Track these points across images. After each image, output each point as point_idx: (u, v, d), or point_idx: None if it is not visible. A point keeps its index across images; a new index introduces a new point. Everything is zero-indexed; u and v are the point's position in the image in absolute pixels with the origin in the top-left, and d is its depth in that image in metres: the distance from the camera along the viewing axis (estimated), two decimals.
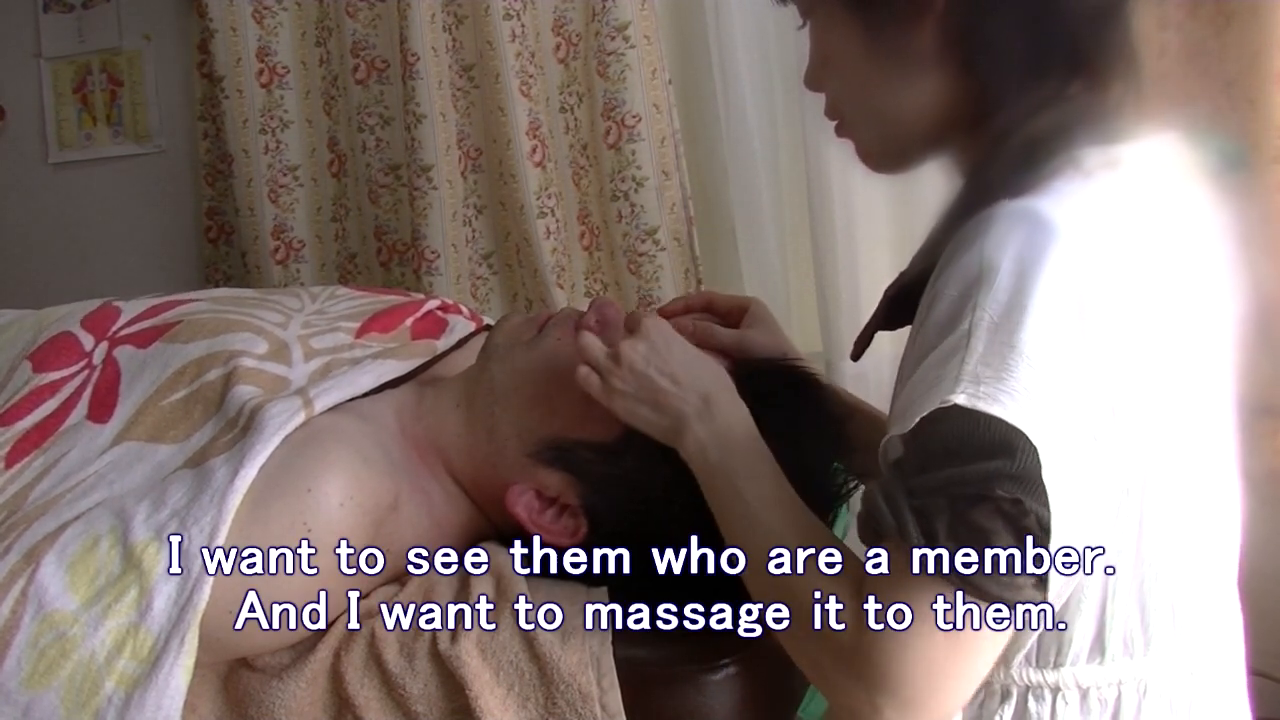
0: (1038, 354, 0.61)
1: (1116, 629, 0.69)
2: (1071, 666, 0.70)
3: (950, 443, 0.62)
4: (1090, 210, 0.66)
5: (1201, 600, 0.72)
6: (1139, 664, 0.70)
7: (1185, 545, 0.70)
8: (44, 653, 0.80)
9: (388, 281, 1.92)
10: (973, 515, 0.61)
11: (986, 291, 0.62)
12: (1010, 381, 0.60)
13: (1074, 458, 0.62)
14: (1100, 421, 0.63)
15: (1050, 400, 0.61)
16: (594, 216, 1.81)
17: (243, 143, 1.93)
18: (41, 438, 0.98)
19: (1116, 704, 0.70)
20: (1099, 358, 0.63)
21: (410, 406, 1.00)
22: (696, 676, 0.87)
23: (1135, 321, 0.65)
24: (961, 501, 0.62)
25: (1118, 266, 0.65)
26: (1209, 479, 0.73)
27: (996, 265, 0.63)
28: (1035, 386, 0.60)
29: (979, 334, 0.62)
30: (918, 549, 0.62)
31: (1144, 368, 0.65)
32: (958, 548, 0.61)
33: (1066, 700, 0.70)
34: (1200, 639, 0.72)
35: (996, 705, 0.72)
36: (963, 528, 0.62)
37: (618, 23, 1.69)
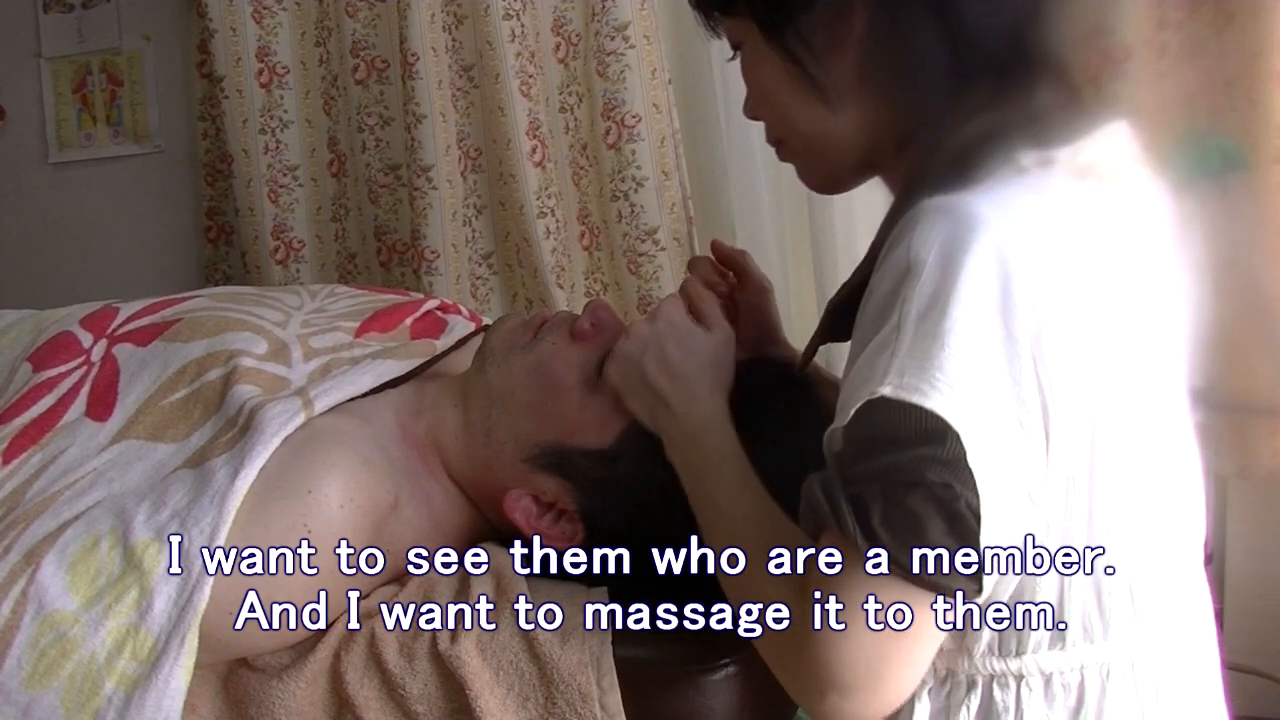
0: (960, 344, 0.62)
1: (1074, 615, 0.70)
2: (1034, 654, 0.71)
3: (882, 432, 0.63)
4: (1020, 202, 0.67)
5: (1163, 584, 0.73)
6: (1099, 648, 0.71)
7: (1140, 530, 0.71)
8: (44, 653, 0.80)
9: (388, 281, 1.92)
10: (906, 502, 0.63)
11: (913, 285, 0.64)
12: (933, 372, 0.62)
13: (999, 445, 0.63)
14: (1034, 410, 0.64)
15: (972, 389, 0.62)
16: (594, 216, 1.81)
17: (243, 143, 1.93)
18: (39, 433, 0.98)
19: (1080, 688, 0.71)
20: (1026, 347, 0.63)
21: (410, 407, 1.00)
22: (696, 676, 0.87)
23: (1069, 310, 0.65)
24: (895, 489, 0.63)
25: (1048, 256, 0.65)
26: (1163, 464, 0.73)
27: (922, 259, 0.64)
28: (957, 376, 0.61)
29: (906, 327, 0.63)
30: (854, 538, 0.64)
31: (1083, 356, 0.66)
32: (891, 535, 0.63)
33: (1030, 687, 0.71)
34: (1163, 622, 0.73)
35: (963, 695, 0.72)
36: (896, 514, 0.63)
37: (617, 23, 1.69)
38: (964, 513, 0.62)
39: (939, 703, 0.73)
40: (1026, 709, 0.71)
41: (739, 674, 0.87)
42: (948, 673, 0.73)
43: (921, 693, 0.74)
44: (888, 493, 0.63)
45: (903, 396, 0.62)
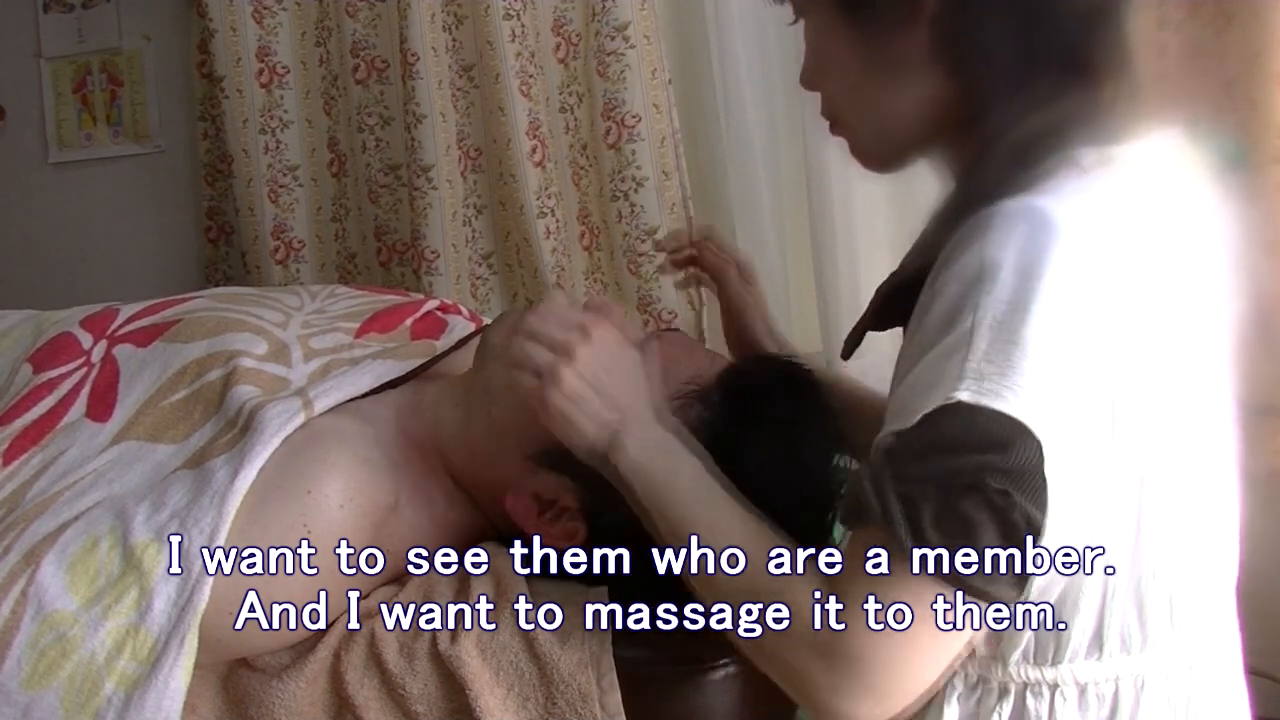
0: (1042, 350, 0.61)
1: (1114, 626, 0.69)
2: (1070, 663, 0.70)
3: (946, 436, 0.62)
4: (1090, 207, 0.66)
5: (1199, 597, 0.72)
6: (1136, 660, 0.70)
7: (1183, 542, 0.70)
8: (44, 653, 0.80)
9: (388, 281, 1.92)
10: (961, 505, 0.61)
11: (989, 290, 0.62)
12: (1015, 377, 0.60)
13: (1078, 453, 0.62)
14: (1102, 418, 0.64)
15: (1055, 396, 0.61)
16: (594, 216, 1.81)
17: (243, 143, 1.93)
18: (39, 434, 0.98)
19: (1114, 700, 0.70)
20: (1101, 355, 0.63)
21: (410, 407, 0.99)
22: (696, 676, 0.87)
23: (1136, 319, 0.65)
24: (951, 491, 0.62)
25: (1118, 264, 0.65)
26: (1208, 477, 0.73)
27: (999, 263, 0.63)
28: (1040, 382, 0.60)
29: (981, 331, 0.62)
30: (901, 538, 0.62)
31: (1144, 365, 0.65)
32: (941, 536, 0.61)
33: (1065, 697, 0.70)
34: (1198, 635, 0.73)
35: (994, 703, 0.72)
36: (948, 516, 0.61)
37: (618, 23, 1.69)
38: (1018, 522, 0.61)
39: (969, 709, 0.73)
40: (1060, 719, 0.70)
41: (739, 674, 0.87)
42: (979, 679, 0.72)
43: (951, 697, 0.73)
44: (943, 495, 0.62)
45: (982, 401, 0.60)
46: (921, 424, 0.63)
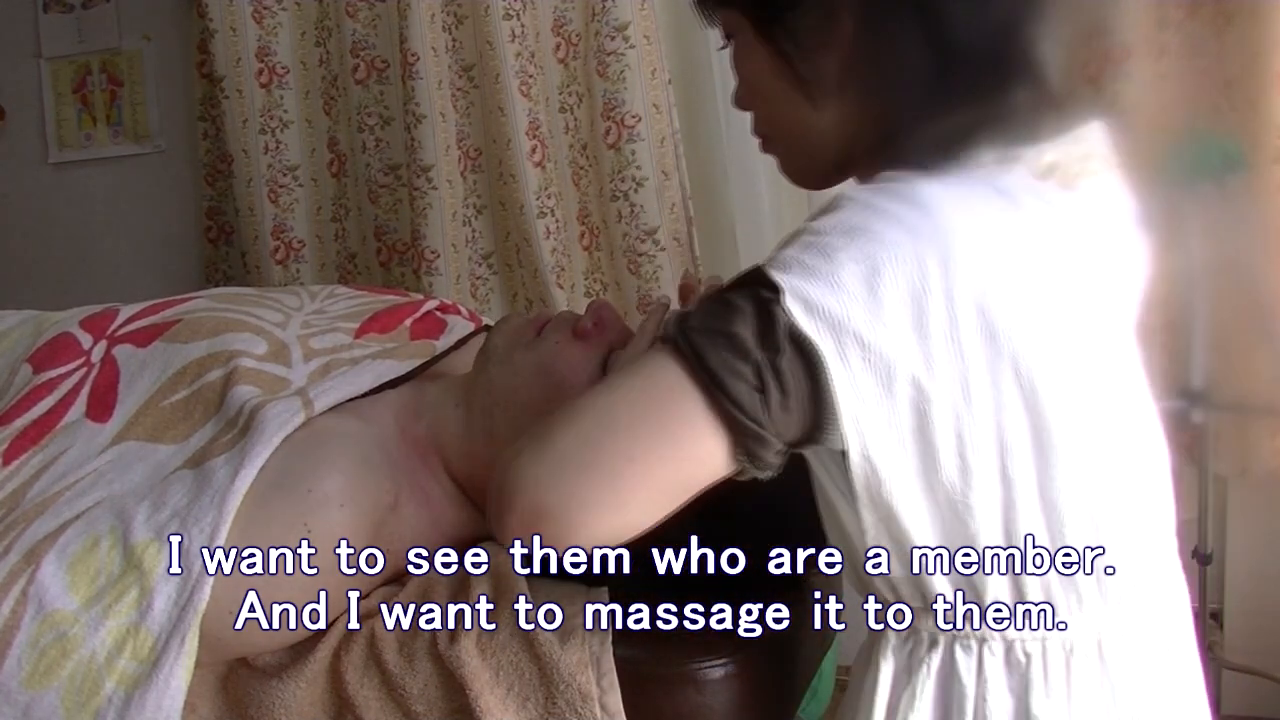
0: (852, 272, 0.63)
1: (1034, 591, 0.70)
2: (1002, 628, 0.71)
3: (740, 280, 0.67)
4: (968, 187, 0.68)
5: (1133, 567, 0.73)
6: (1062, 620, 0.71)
7: (1106, 509, 0.71)
8: (44, 653, 0.80)
9: (388, 281, 1.92)
10: (729, 294, 0.66)
11: (832, 210, 0.67)
12: (815, 280, 0.64)
13: (864, 369, 0.64)
14: (930, 361, 0.65)
15: (849, 316, 0.63)
16: (594, 216, 1.81)
17: (243, 143, 1.93)
18: (39, 435, 0.98)
19: (1043, 658, 0.71)
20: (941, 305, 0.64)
21: (409, 407, 0.99)
22: (696, 676, 0.87)
23: (999, 283, 0.66)
24: (728, 290, 0.66)
25: (986, 234, 0.66)
26: (1128, 454, 0.73)
27: (850, 196, 0.67)
28: (836, 294, 0.63)
29: (807, 236, 0.66)
30: (670, 327, 0.66)
31: (1015, 332, 0.66)
32: (702, 318, 0.65)
33: (992, 651, 0.72)
34: (1134, 602, 0.73)
35: (924, 652, 0.73)
36: (715, 302, 0.66)
37: (617, 23, 1.69)
38: (779, 320, 0.63)
39: (901, 660, 0.74)
40: (988, 674, 0.71)
41: (739, 674, 0.87)
42: (911, 630, 0.74)
43: (885, 650, 0.75)
44: (721, 292, 0.67)
45: (773, 274, 0.64)
46: (732, 281, 0.68)
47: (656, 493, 0.66)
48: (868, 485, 0.67)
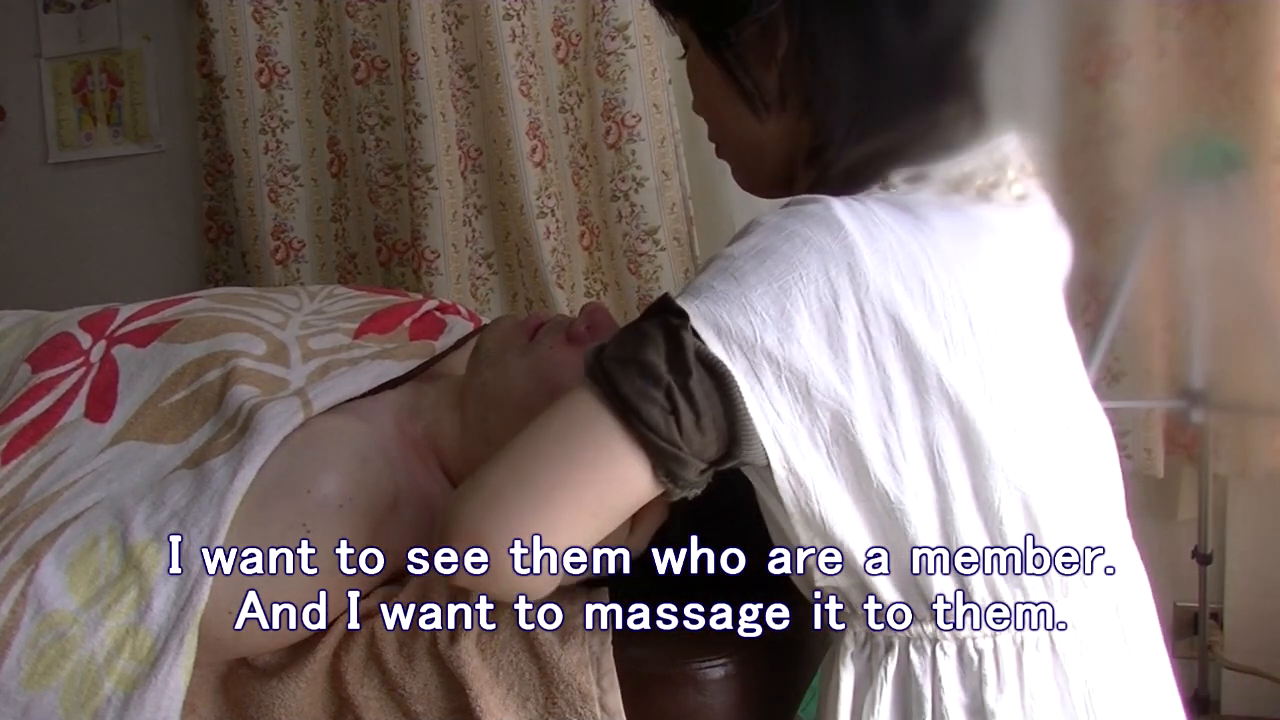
0: (761, 296, 0.66)
1: (978, 587, 0.71)
2: (950, 627, 0.72)
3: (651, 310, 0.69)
4: (872, 206, 0.69)
5: (1080, 560, 0.73)
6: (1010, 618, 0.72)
7: (1043, 503, 0.71)
8: (43, 653, 0.80)
9: (388, 281, 1.92)
10: (641, 323, 0.68)
11: (743, 235, 0.69)
12: (724, 305, 0.66)
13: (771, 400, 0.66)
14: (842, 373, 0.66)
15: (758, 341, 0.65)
16: (594, 216, 1.81)
17: (243, 143, 1.93)
18: (38, 434, 0.98)
19: (995, 655, 0.72)
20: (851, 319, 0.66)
21: (408, 408, 0.99)
22: (696, 676, 0.87)
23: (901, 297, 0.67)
24: (641, 320, 0.69)
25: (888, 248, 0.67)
26: (1064, 439, 0.74)
27: (764, 221, 0.69)
28: (744, 319, 0.65)
29: (719, 262, 0.68)
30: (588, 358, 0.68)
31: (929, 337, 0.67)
32: (614, 347, 0.67)
33: (945, 651, 0.73)
34: (1080, 594, 0.73)
35: (881, 656, 0.75)
36: (628, 333, 0.68)
37: (618, 23, 1.69)
38: (687, 345, 0.65)
39: (860, 666, 0.76)
40: (942, 673, 0.72)
41: (739, 674, 0.87)
42: (867, 636, 0.75)
43: (845, 657, 0.76)
44: (634, 323, 0.69)
45: (683, 302, 0.66)
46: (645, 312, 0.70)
47: (586, 516, 0.69)
48: (795, 497, 0.69)
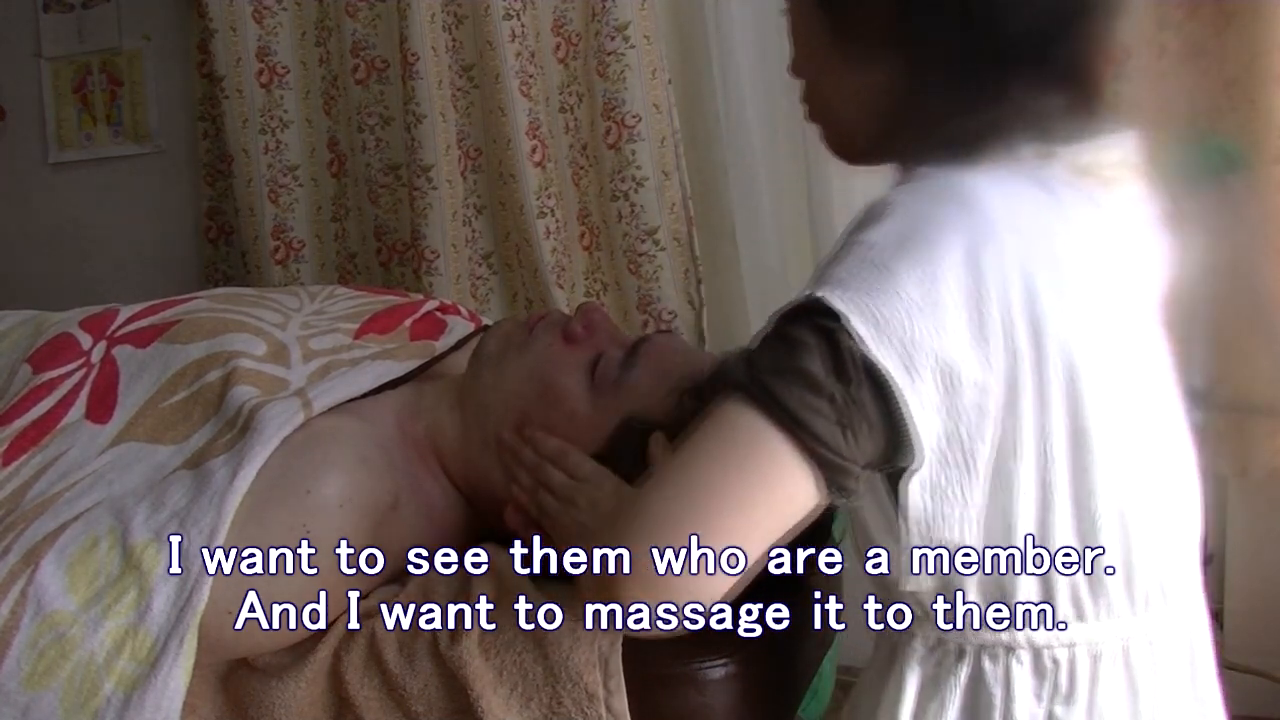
0: (911, 287, 0.63)
1: (1063, 592, 0.70)
2: (1024, 627, 0.71)
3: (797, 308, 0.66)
4: (1014, 183, 0.68)
5: (1159, 567, 0.73)
6: (1092, 628, 0.71)
7: (1136, 515, 0.71)
8: (43, 653, 0.80)
9: (388, 281, 1.92)
10: (790, 329, 0.65)
11: (878, 222, 0.66)
12: (874, 298, 0.63)
13: (927, 398, 0.64)
14: (986, 368, 0.65)
15: (911, 333, 0.63)
16: (594, 216, 1.81)
17: (243, 143, 1.93)
18: (39, 435, 0.98)
19: (1071, 665, 0.71)
20: (995, 312, 0.64)
21: (409, 408, 0.99)
22: (697, 676, 0.87)
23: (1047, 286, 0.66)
24: (788, 324, 0.65)
25: (1035, 236, 0.67)
26: (1155, 446, 0.73)
27: (897, 203, 0.67)
28: (897, 313, 0.63)
29: (858, 249, 0.65)
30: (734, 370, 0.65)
31: (1061, 335, 0.66)
32: (770, 357, 0.64)
33: (1020, 660, 0.71)
34: (1159, 611, 0.73)
35: (953, 663, 0.73)
36: (777, 339, 0.65)
37: (618, 23, 1.69)
38: (847, 350, 0.62)
39: (929, 670, 0.74)
40: (1015, 681, 0.71)
41: (739, 673, 0.87)
42: (937, 641, 0.74)
43: (911, 660, 0.74)
44: (780, 327, 0.66)
45: (833, 303, 0.63)
46: (784, 310, 0.67)
47: (760, 538, 0.65)
48: (922, 498, 0.67)
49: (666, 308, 1.73)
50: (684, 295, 1.75)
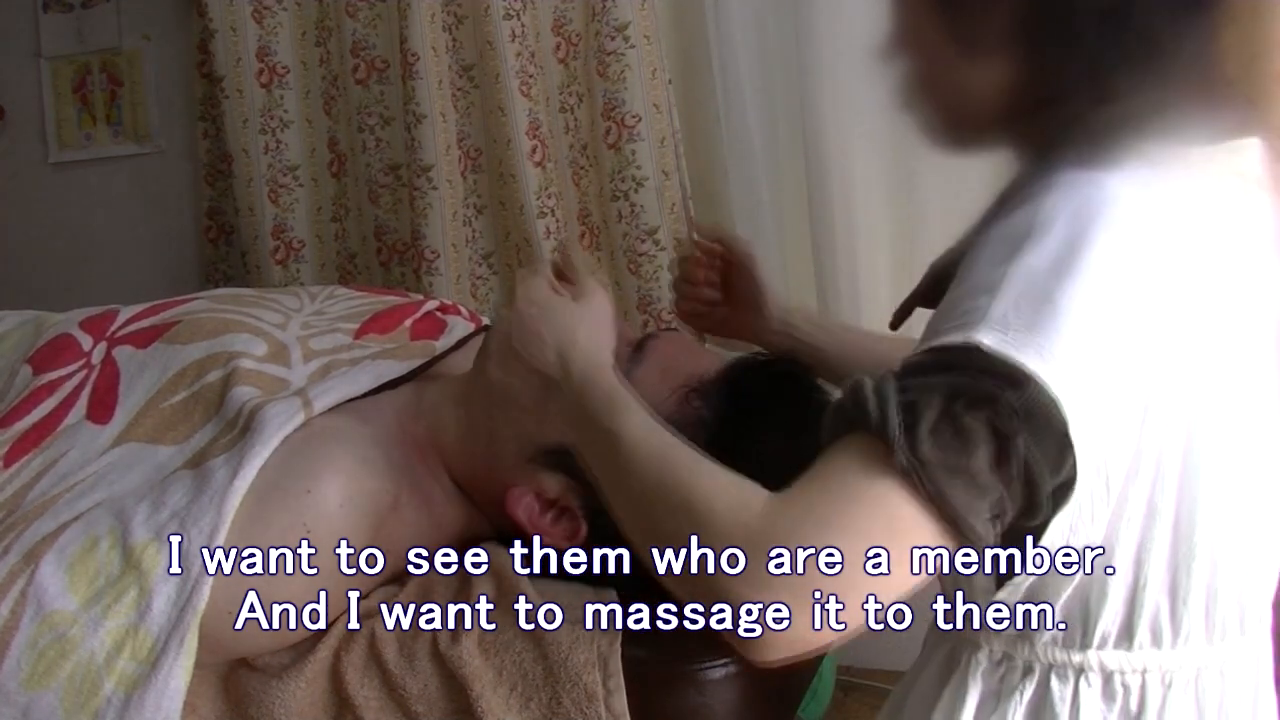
0: (1076, 317, 0.59)
1: (1145, 616, 0.69)
2: (1098, 650, 0.69)
3: (961, 361, 0.60)
4: (1154, 194, 0.65)
5: (1240, 598, 0.71)
6: (1166, 655, 0.70)
7: (1226, 541, 0.69)
8: (43, 653, 0.80)
9: (388, 281, 1.92)
10: (964, 417, 0.58)
11: (1034, 245, 0.61)
12: (1040, 336, 0.59)
13: (1099, 435, 0.61)
14: (1133, 404, 0.62)
15: (1080, 367, 0.59)
16: (594, 216, 1.81)
17: (243, 143, 1.93)
18: (40, 437, 0.98)
19: (1141, 692, 0.70)
20: (1139, 339, 0.62)
21: (409, 408, 0.99)
22: (697, 676, 0.87)
23: (1182, 309, 0.64)
24: (957, 401, 0.58)
25: (1172, 254, 0.64)
26: (1256, 475, 0.71)
27: (1049, 222, 0.62)
28: (1066, 348, 0.59)
29: (1015, 280, 0.60)
30: (893, 440, 0.58)
31: (1190, 357, 0.64)
32: (935, 445, 0.58)
33: (1090, 683, 0.70)
34: (1233, 638, 0.72)
35: (1018, 680, 0.71)
36: (948, 426, 0.58)
37: (618, 23, 1.69)
38: (1016, 454, 0.58)
39: (991, 685, 0.72)
40: (1084, 705, 0.69)
41: (739, 673, 0.87)
42: (1004, 656, 0.72)
43: (975, 673, 0.72)
44: (948, 404, 0.58)
45: (1004, 351, 0.58)
46: (938, 349, 0.61)
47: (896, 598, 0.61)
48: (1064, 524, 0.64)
49: (666, 308, 1.73)
50: None
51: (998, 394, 0.58)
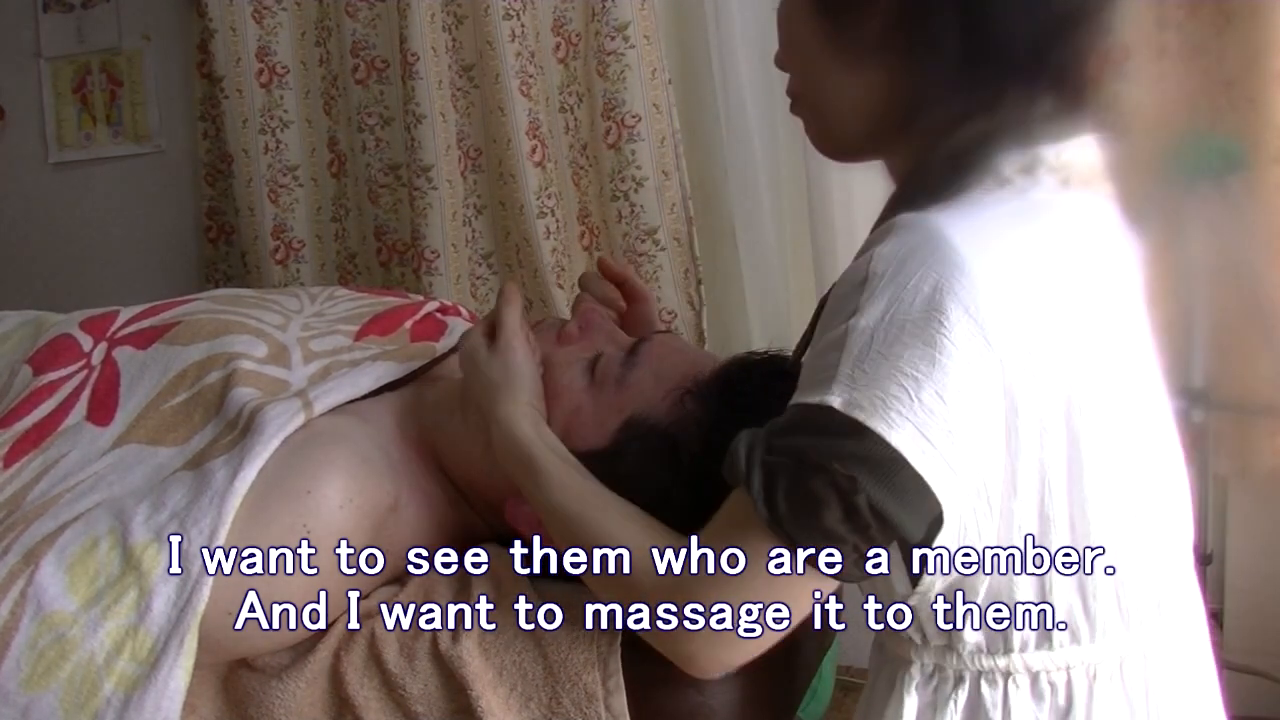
0: (915, 365, 0.64)
1: (1059, 617, 0.71)
2: (1020, 653, 0.72)
3: (812, 422, 0.66)
4: (994, 218, 0.68)
5: (1151, 585, 0.73)
6: (1087, 650, 0.72)
7: (1125, 532, 0.71)
8: (43, 654, 0.80)
9: (388, 281, 1.92)
10: (810, 483, 0.65)
11: (866, 295, 0.66)
12: (881, 390, 0.64)
13: (961, 461, 0.65)
14: (992, 427, 0.66)
15: (925, 413, 0.64)
16: (594, 216, 1.81)
17: (243, 143, 1.93)
18: (40, 438, 0.98)
19: (1068, 688, 0.72)
20: (985, 366, 0.65)
21: (409, 409, 1.00)
22: (696, 676, 0.87)
23: (1036, 322, 0.67)
24: (804, 469, 0.66)
25: (1016, 271, 0.67)
26: (1146, 466, 0.74)
27: (879, 273, 0.66)
28: (910, 399, 0.64)
29: (856, 336, 0.66)
30: (757, 503, 0.67)
31: (1051, 366, 0.67)
32: (790, 509, 0.66)
33: (1018, 684, 0.72)
34: (1153, 623, 0.73)
35: (950, 689, 0.74)
36: (799, 492, 0.66)
37: (618, 23, 1.69)
38: (861, 507, 0.64)
39: (926, 697, 0.74)
40: (1014, 706, 0.72)
41: (739, 674, 0.87)
42: (935, 668, 0.74)
43: (909, 686, 0.75)
44: (797, 470, 0.66)
45: (852, 414, 0.64)
46: (801, 407, 0.68)
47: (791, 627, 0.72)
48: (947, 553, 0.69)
49: (666, 308, 1.73)
50: (684, 295, 1.75)
51: (845, 454, 0.64)
